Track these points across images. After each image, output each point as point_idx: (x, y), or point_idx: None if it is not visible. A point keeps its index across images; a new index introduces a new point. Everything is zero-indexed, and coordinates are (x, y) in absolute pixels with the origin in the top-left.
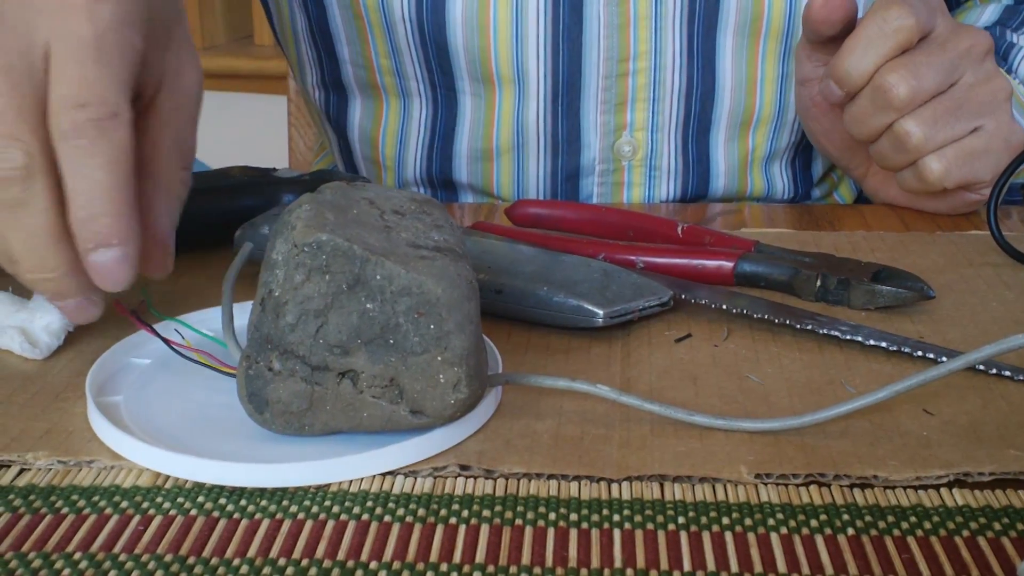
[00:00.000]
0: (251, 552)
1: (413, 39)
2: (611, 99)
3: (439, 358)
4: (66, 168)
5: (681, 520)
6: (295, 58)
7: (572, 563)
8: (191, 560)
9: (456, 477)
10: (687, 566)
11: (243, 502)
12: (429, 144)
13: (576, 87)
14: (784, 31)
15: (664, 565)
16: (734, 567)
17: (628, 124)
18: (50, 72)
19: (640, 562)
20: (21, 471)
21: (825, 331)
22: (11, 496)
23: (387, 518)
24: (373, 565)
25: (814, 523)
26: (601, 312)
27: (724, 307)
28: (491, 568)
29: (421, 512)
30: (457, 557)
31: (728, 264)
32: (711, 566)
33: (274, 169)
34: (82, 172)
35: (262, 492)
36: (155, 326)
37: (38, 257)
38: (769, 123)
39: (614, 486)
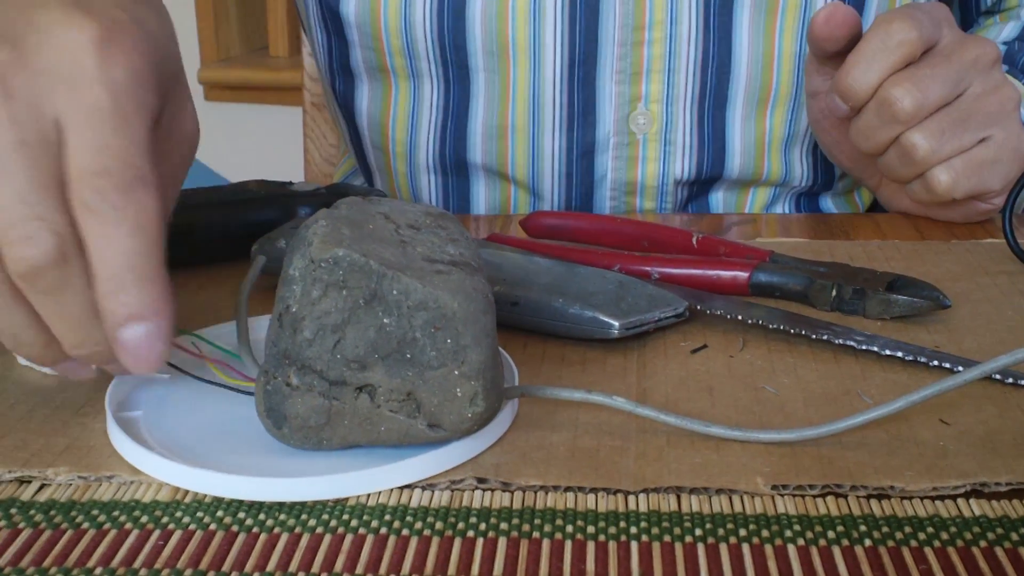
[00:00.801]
0: (270, 566)
1: (430, 12)
2: (626, 68)
3: (456, 372)
4: (91, 240)
5: (698, 532)
6: (310, 43)
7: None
8: (211, 574)
9: (473, 490)
10: None
11: (262, 516)
12: (442, 125)
13: (592, 56)
14: (802, 6)
15: None
16: None
17: (643, 95)
18: (66, 144)
19: (658, 574)
20: (42, 486)
21: (841, 341)
22: (32, 511)
23: (405, 531)
24: None
25: (831, 534)
26: (616, 323)
27: (739, 318)
28: None
29: (439, 525)
30: (475, 570)
31: (743, 274)
32: None
33: (290, 183)
34: (108, 243)
35: (281, 506)
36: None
37: (84, 333)
38: (787, 102)
39: (631, 498)
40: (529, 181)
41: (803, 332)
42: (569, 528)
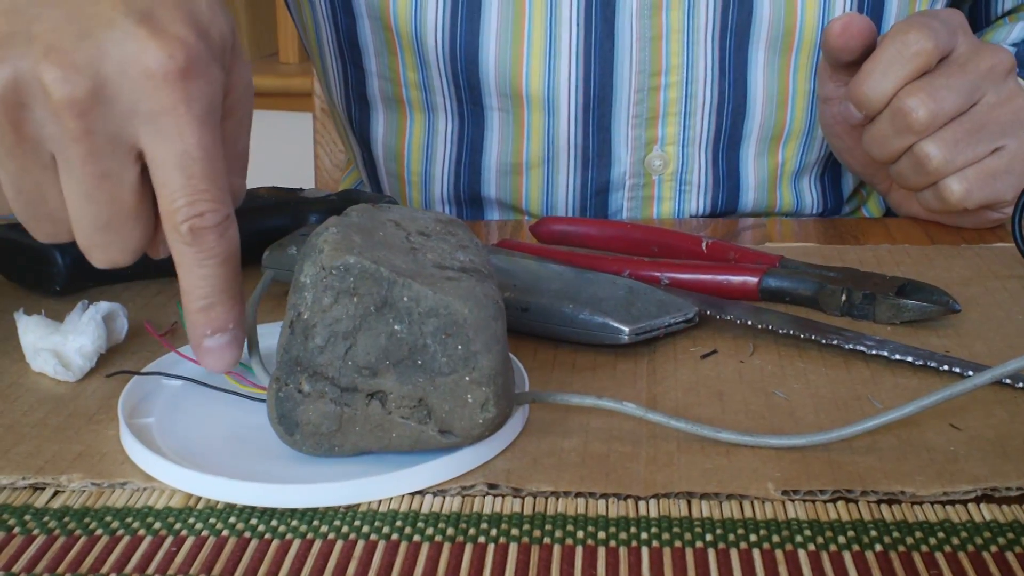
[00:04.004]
0: (282, 572)
1: (443, 52)
2: (643, 113)
3: (467, 378)
4: (185, 265)
5: (709, 537)
6: (321, 71)
7: None
8: None
9: (484, 496)
10: None
11: (274, 522)
12: (456, 159)
13: (607, 101)
14: (816, 45)
15: None
16: None
17: (659, 138)
18: (157, 180)
19: None
20: (55, 493)
21: (851, 346)
22: (46, 518)
23: (416, 537)
24: None
25: (842, 539)
26: (626, 329)
27: (749, 323)
28: None
29: (450, 531)
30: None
31: (753, 279)
32: None
33: (301, 189)
34: (200, 271)
35: (293, 512)
36: (185, 348)
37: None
38: (799, 137)
39: (641, 503)
40: (542, 215)
41: (813, 337)
42: (580, 534)
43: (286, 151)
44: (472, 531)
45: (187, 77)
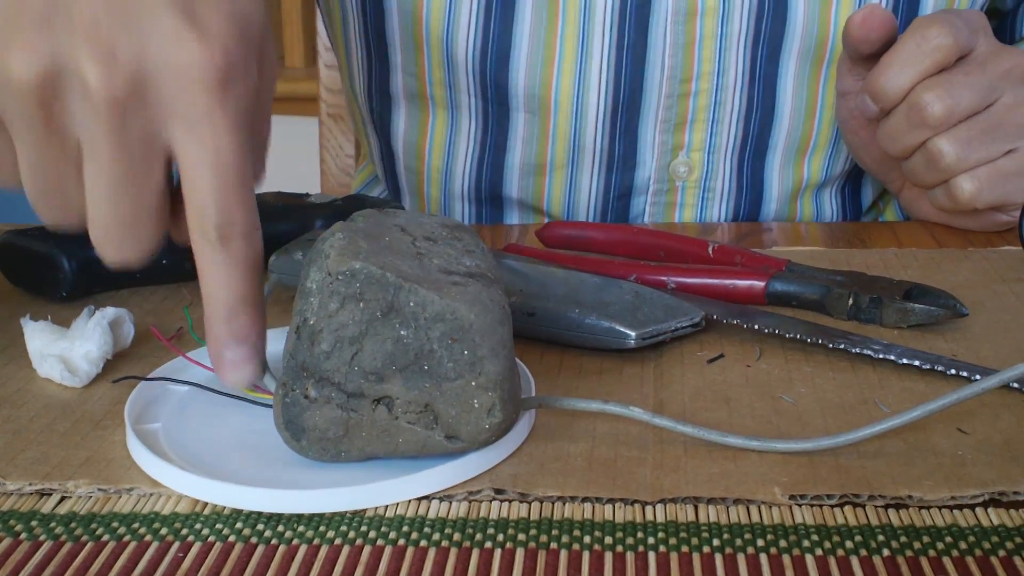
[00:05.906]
0: None
1: (473, 53)
2: (671, 118)
3: (473, 383)
4: (209, 272)
5: (716, 542)
6: (344, 62)
7: None
8: None
9: (491, 501)
10: None
11: (280, 528)
12: (479, 158)
13: (636, 105)
14: None
15: None
16: None
17: (686, 144)
18: (188, 179)
19: None
20: (62, 499)
21: (858, 350)
22: (52, 524)
23: (423, 543)
24: None
25: (849, 544)
26: (633, 334)
27: (756, 327)
28: None
29: (457, 536)
30: None
31: (759, 284)
32: None
33: (307, 194)
34: (226, 278)
35: (299, 518)
36: (192, 353)
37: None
38: (825, 149)
39: (648, 508)
40: (564, 217)
41: (820, 341)
42: (587, 539)
43: (292, 156)
44: (479, 536)
45: (226, 83)
